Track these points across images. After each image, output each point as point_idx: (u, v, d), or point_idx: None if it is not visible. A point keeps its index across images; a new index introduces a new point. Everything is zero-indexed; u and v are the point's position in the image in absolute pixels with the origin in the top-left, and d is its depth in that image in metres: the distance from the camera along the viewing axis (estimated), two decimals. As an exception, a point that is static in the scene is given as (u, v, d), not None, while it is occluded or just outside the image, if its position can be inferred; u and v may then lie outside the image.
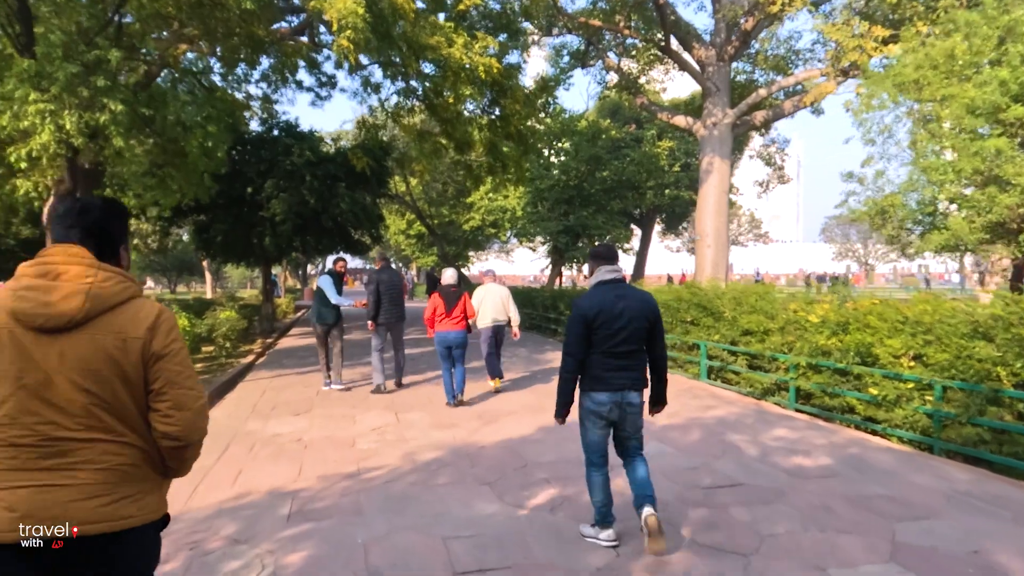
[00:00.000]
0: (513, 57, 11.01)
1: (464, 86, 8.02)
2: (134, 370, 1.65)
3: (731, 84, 15.00)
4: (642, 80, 17.08)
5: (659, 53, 17.74)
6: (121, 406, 1.64)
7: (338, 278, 8.53)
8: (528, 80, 14.53)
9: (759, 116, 15.17)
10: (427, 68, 8.91)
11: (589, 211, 23.05)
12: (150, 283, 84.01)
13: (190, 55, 12.88)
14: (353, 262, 71.03)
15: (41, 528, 1.51)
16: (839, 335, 7.11)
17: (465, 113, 10.03)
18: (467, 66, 7.71)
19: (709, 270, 14.30)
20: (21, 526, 1.50)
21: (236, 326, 13.30)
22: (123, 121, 5.62)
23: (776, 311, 8.35)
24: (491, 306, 8.30)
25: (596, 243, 24.62)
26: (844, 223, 55.03)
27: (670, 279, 44.88)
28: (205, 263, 35.96)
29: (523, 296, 18.98)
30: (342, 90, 19.29)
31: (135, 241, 30.88)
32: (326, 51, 20.31)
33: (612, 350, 3.45)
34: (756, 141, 25.25)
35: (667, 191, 25.86)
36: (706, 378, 9.35)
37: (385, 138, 20.51)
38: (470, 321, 7.79)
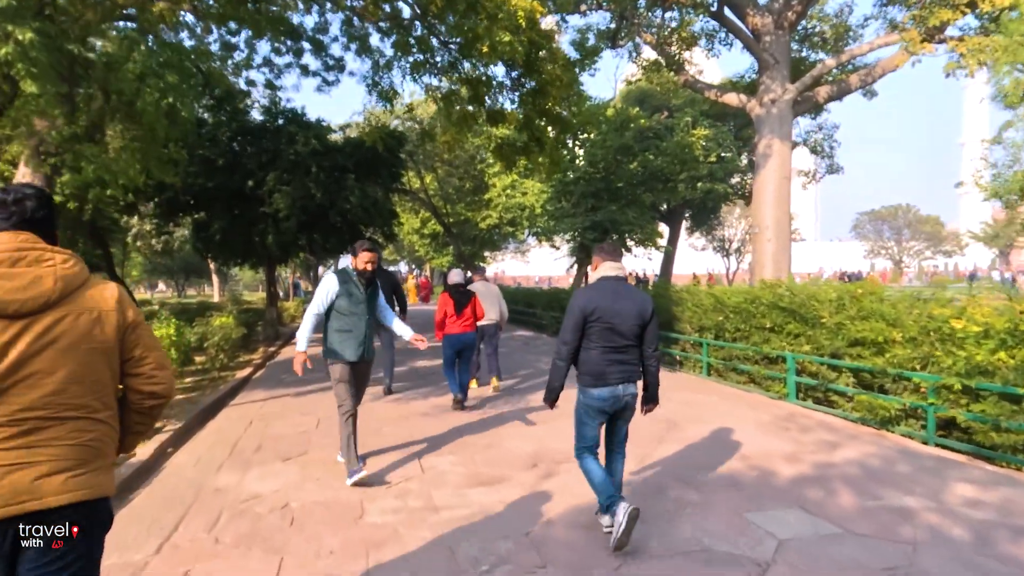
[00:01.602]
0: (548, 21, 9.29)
1: (501, 32, 6.32)
2: (109, 342, 1.79)
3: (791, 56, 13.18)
4: (686, 55, 15.26)
5: (701, 30, 15.97)
6: (95, 381, 1.76)
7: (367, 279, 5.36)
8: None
9: (822, 92, 13.34)
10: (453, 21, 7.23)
11: (618, 205, 21.24)
12: (161, 286, 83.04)
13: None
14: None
15: (10, 509, 1.59)
16: (1012, 349, 5.32)
17: (496, 80, 8.33)
18: (504, 8, 6.04)
19: (769, 267, 12.48)
20: None
21: (231, 335, 11.64)
22: (38, 60, 4.01)
23: (901, 316, 6.55)
24: (489, 304, 8.34)
25: (628, 240, 22.95)
26: (876, 219, 52.88)
27: (696, 279, 42.96)
28: (211, 265, 34.49)
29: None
30: (351, 73, 17.52)
31: (138, 243, 29.43)
32: (333, 32, 18.78)
33: (609, 345, 3.60)
34: (799, 126, 23.29)
35: (699, 184, 23.98)
36: (795, 399, 7.57)
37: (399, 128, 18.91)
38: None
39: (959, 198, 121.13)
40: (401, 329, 5.03)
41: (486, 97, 8.33)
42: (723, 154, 24.91)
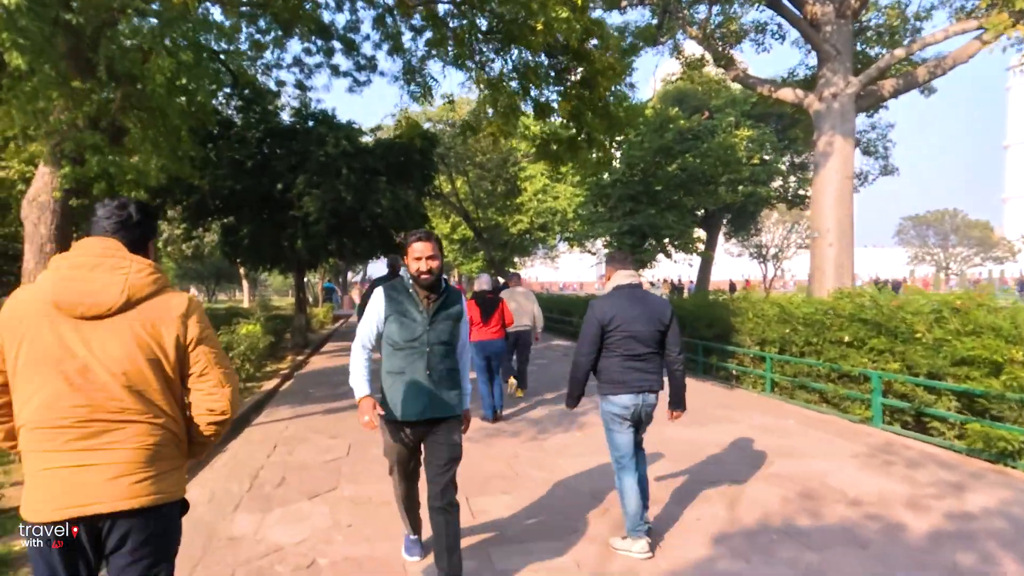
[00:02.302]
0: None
1: (558, 7, 5.58)
2: (169, 355, 1.80)
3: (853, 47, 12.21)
4: (734, 51, 14.38)
5: (752, 23, 15.08)
6: (153, 389, 1.77)
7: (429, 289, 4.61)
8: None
9: (887, 85, 12.33)
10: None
11: (657, 209, 20.36)
12: (192, 291, 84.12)
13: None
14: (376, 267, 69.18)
15: (78, 511, 1.65)
16: None
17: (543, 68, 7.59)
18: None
19: (831, 274, 11.51)
20: (63, 510, 1.65)
21: (258, 344, 11.08)
22: (29, 29, 3.40)
23: None
24: (522, 311, 8.21)
25: (668, 244, 22.03)
26: (921, 224, 50.84)
27: (733, 286, 41.60)
28: (241, 270, 34.35)
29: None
30: (382, 73, 16.96)
31: (168, 248, 29.33)
32: (364, 30, 18.20)
33: (629, 352, 3.56)
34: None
35: (740, 187, 22.94)
36: (880, 423, 6.67)
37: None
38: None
39: (1003, 203, 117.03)
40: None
41: (532, 88, 7.57)
42: (764, 156, 23.87)
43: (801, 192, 25.33)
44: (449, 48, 11.52)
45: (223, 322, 15.19)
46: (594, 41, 7.97)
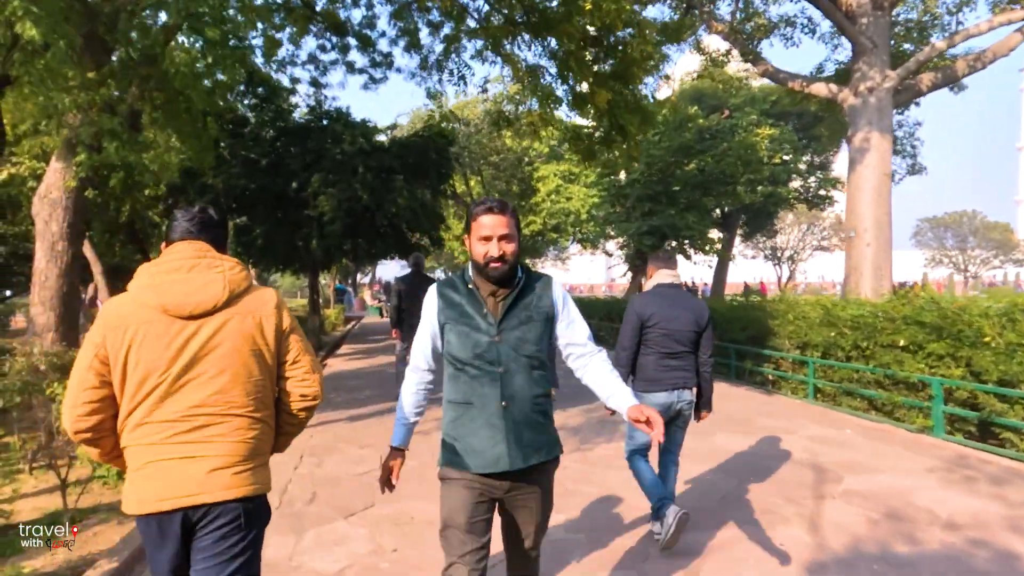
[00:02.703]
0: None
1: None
2: (270, 345, 1.91)
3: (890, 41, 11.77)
4: (762, 46, 13.96)
5: (780, 16, 14.66)
6: (255, 382, 1.87)
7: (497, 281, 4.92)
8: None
9: (925, 79, 11.89)
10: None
11: (676, 209, 19.94)
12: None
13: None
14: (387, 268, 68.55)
15: (182, 501, 1.74)
16: None
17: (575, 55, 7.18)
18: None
19: (869, 275, 11.07)
20: (171, 500, 1.74)
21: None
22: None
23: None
24: None
25: (686, 246, 21.62)
26: (938, 226, 50.04)
27: (748, 288, 41.06)
28: (252, 271, 34.17)
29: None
30: (398, 70, 16.64)
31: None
32: (380, 26, 17.84)
33: (665, 351, 3.60)
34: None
35: (760, 187, 22.45)
36: (942, 433, 6.23)
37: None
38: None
39: (1016, 205, 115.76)
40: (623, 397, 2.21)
41: (570, 77, 7.16)
42: (784, 156, 23.41)
43: (822, 192, 24.79)
44: (478, 41, 11.17)
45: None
46: (628, 30, 7.59)
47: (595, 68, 7.78)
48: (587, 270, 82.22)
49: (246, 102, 15.60)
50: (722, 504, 4.26)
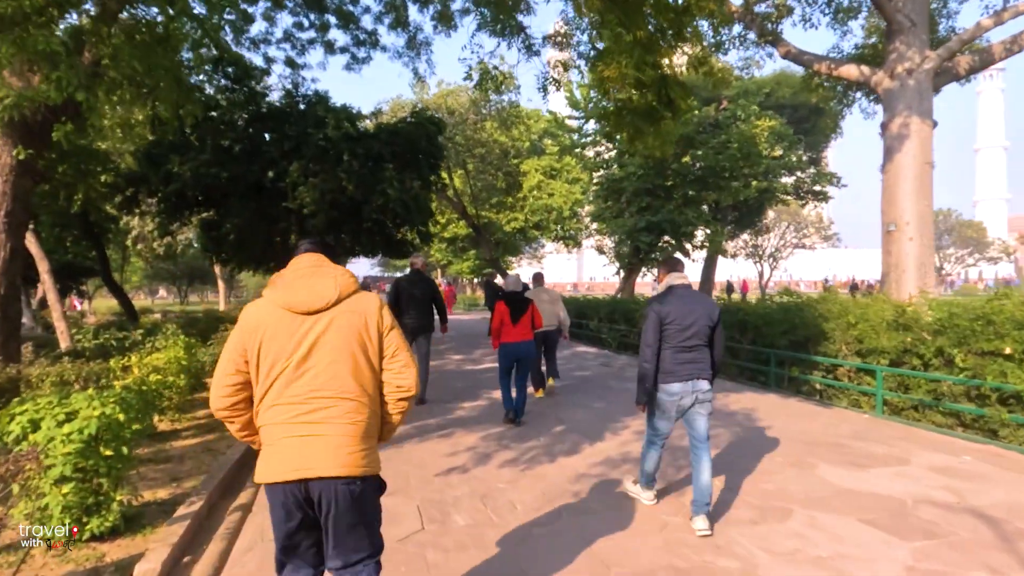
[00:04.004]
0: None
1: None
2: (373, 340, 2.25)
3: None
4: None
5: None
6: (361, 371, 2.20)
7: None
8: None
9: (963, 62, 11.07)
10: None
11: (675, 204, 18.97)
12: (162, 292, 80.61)
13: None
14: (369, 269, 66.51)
15: (304, 473, 2.07)
16: None
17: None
18: None
19: (912, 273, 10.17)
20: (295, 472, 2.07)
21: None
22: None
23: None
24: (548, 311, 8.28)
25: (685, 243, 20.69)
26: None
27: (730, 286, 40.55)
28: (217, 270, 32.20)
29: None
30: (384, 48, 15.25)
31: (138, 246, 27.13)
32: (364, 1, 16.36)
33: (681, 345, 3.95)
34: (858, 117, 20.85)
35: (755, 182, 21.60)
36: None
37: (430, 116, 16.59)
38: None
39: (974, 206, 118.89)
40: None
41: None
42: (780, 150, 22.65)
43: (816, 188, 24.13)
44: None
45: (206, 327, 13.39)
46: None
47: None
48: (563, 269, 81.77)
49: (215, 82, 14.10)
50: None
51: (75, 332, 9.43)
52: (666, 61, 7.01)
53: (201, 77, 14.20)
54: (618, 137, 10.67)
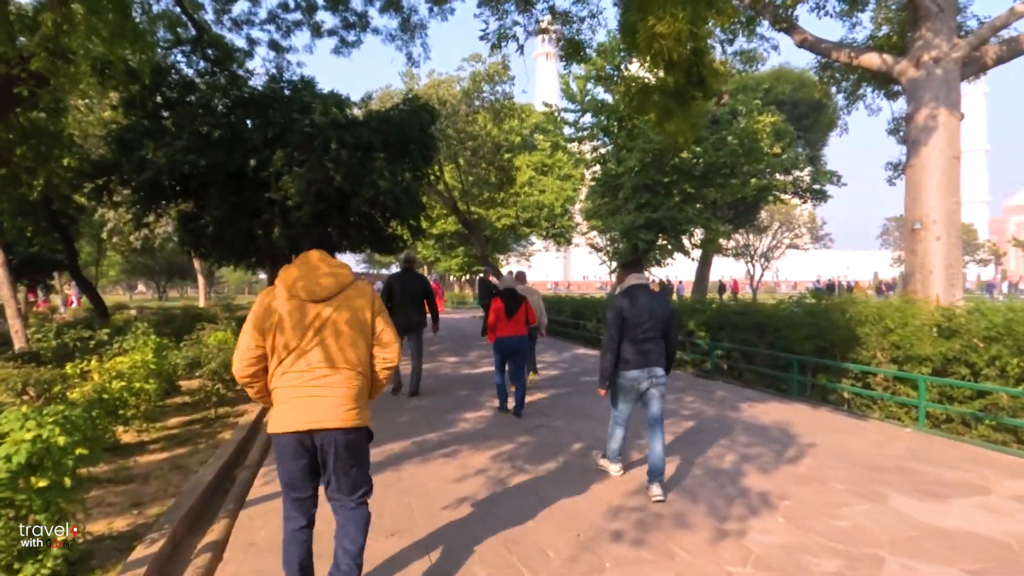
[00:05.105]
0: None
1: None
2: (367, 322, 2.77)
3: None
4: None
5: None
6: (357, 347, 2.73)
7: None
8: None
9: (990, 52, 10.48)
10: None
11: (676, 201, 18.31)
12: (141, 288, 78.67)
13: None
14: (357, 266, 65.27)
15: (314, 424, 2.60)
16: None
17: None
18: None
19: (940, 273, 9.56)
20: (305, 424, 2.60)
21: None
22: None
23: None
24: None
25: (685, 241, 20.04)
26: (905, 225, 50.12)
27: (722, 286, 40.08)
28: (197, 264, 31.08)
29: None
30: (375, 31, 14.42)
31: (113, 239, 25.99)
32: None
33: (639, 337, 4.48)
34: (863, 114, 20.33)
35: (753, 180, 20.99)
36: None
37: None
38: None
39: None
40: None
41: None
42: (778, 148, 22.08)
43: (816, 186, 23.60)
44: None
45: (182, 325, 12.51)
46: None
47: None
48: (552, 267, 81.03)
49: (195, 64, 13.20)
50: None
51: (33, 331, 8.53)
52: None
53: (179, 57, 13.35)
54: (623, 129, 10.00)
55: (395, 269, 50.41)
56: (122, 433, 6.63)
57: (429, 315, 8.49)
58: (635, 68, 19.02)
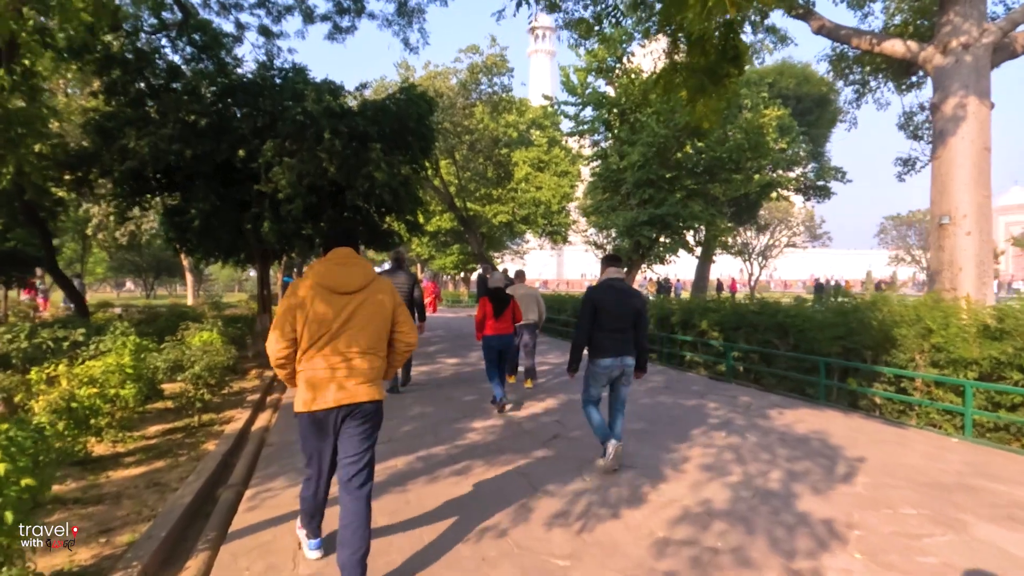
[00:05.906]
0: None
1: None
2: (389, 313, 3.17)
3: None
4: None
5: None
6: (380, 334, 3.14)
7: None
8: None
9: (1020, 38, 9.99)
10: None
11: (680, 197, 17.76)
12: (129, 285, 77.52)
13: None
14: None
15: (345, 400, 3.00)
16: None
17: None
18: None
19: (971, 271, 9.06)
20: (335, 401, 2.99)
21: (219, 359, 7.84)
22: None
23: None
24: (528, 307, 8.91)
25: (689, 238, 19.52)
26: (902, 224, 49.93)
27: (720, 285, 39.62)
28: (185, 261, 30.28)
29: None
30: (371, 15, 13.78)
31: (98, 235, 25.19)
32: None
33: (611, 327, 4.85)
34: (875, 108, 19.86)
35: (756, 176, 20.49)
36: None
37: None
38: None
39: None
40: None
41: None
42: (783, 143, 21.61)
43: (820, 183, 23.13)
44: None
45: (166, 325, 11.85)
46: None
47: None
48: (543, 265, 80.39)
49: (180, 49, 12.52)
50: None
51: (3, 331, 7.87)
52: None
53: (163, 42, 12.68)
54: (625, 123, 9.42)
55: (387, 266, 49.81)
56: (94, 444, 6.01)
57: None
58: (636, 61, 18.47)
